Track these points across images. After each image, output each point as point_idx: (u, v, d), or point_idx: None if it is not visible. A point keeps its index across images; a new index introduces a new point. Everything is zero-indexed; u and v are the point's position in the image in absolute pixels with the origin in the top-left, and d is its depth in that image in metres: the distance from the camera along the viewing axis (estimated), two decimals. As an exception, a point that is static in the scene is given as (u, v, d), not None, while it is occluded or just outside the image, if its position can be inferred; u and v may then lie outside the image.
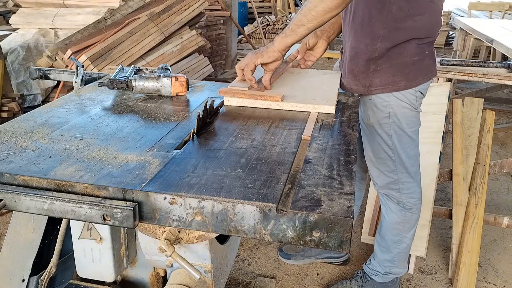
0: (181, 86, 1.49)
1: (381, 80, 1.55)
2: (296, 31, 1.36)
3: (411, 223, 1.83)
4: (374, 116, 1.64)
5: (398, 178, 1.73)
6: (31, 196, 0.84)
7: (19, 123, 1.20)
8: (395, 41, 1.50)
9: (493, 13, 5.97)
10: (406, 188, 1.75)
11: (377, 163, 1.74)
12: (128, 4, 4.06)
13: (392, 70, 1.54)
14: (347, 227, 0.77)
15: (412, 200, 1.78)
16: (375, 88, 1.57)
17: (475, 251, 2.07)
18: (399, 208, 1.80)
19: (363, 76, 1.57)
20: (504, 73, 2.46)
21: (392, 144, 1.66)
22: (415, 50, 1.53)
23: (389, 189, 1.77)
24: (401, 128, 1.63)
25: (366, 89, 1.58)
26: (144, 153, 1.02)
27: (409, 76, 1.55)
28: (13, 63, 3.84)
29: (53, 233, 1.58)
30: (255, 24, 8.12)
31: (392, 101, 1.58)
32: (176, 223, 0.85)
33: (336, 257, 2.25)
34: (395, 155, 1.68)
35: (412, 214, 1.81)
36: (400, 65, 1.53)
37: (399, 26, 1.48)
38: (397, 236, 1.86)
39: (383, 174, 1.74)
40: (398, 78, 1.55)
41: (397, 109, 1.59)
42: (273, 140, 1.10)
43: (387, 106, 1.59)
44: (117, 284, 1.41)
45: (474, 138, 2.23)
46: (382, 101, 1.59)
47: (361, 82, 1.58)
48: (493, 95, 4.76)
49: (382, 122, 1.63)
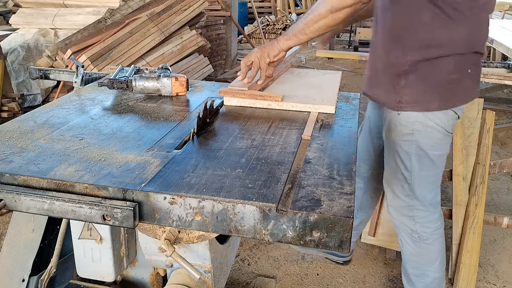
0: (181, 86, 1.49)
1: (411, 97, 1.41)
2: (298, 36, 1.41)
3: (430, 255, 1.65)
4: (395, 132, 1.50)
5: (413, 204, 1.58)
6: (31, 196, 0.84)
7: (19, 123, 1.20)
8: (428, 54, 1.35)
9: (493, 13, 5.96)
10: (421, 217, 1.59)
11: (392, 183, 1.61)
12: (128, 4, 4.06)
13: (424, 87, 1.39)
14: (347, 227, 0.77)
15: (429, 230, 1.61)
16: (405, 105, 1.42)
17: (475, 251, 2.07)
18: (413, 239, 1.64)
19: (393, 91, 1.43)
20: (504, 73, 2.46)
21: (410, 166, 1.51)
22: (452, 67, 1.36)
23: (402, 216, 1.62)
24: (423, 148, 1.47)
25: (396, 104, 1.44)
26: (144, 153, 1.02)
27: (443, 96, 1.39)
28: (13, 63, 3.84)
29: (53, 233, 1.58)
30: (255, 24, 8.12)
31: (419, 118, 1.43)
32: (176, 223, 0.85)
33: (340, 256, 2.21)
34: (412, 178, 1.53)
35: (429, 246, 1.63)
36: (434, 82, 1.38)
37: (432, 38, 1.33)
38: (417, 269, 1.70)
39: (397, 196, 1.61)
40: (429, 97, 1.39)
41: (422, 128, 1.44)
42: (273, 140, 1.10)
43: (413, 123, 1.44)
44: (117, 284, 1.41)
45: (474, 138, 2.23)
46: (409, 117, 1.44)
47: (390, 97, 1.45)
48: (493, 95, 4.76)
49: (404, 139, 1.48)
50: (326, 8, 1.32)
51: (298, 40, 1.41)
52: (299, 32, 1.40)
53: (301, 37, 1.40)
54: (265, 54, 1.44)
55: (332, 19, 1.33)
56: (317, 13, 1.34)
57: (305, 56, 7.08)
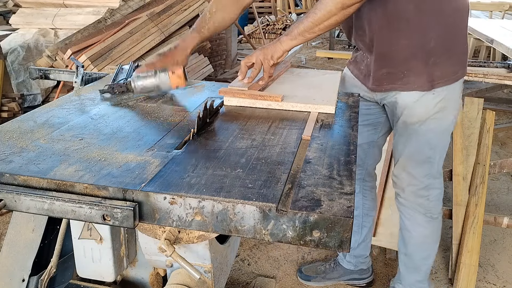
0: (178, 78, 1.46)
1: (442, 72, 1.50)
2: (305, 35, 1.38)
3: (438, 233, 1.75)
4: (426, 112, 1.55)
5: (429, 183, 1.65)
6: (31, 196, 0.84)
7: (19, 123, 1.20)
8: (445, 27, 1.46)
9: (493, 13, 5.97)
10: (434, 195, 1.68)
11: (412, 167, 1.64)
12: (128, 4, 4.06)
13: (452, 60, 1.51)
14: (347, 227, 0.77)
15: (439, 208, 1.71)
16: (438, 82, 1.50)
17: (475, 251, 2.07)
18: (427, 219, 1.70)
19: (424, 72, 1.50)
20: (504, 73, 2.46)
21: (435, 144, 1.59)
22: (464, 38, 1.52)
23: (418, 197, 1.68)
24: (449, 122, 1.57)
25: (429, 84, 1.50)
26: (144, 153, 1.02)
27: (463, 64, 1.53)
28: (13, 63, 3.84)
29: (53, 233, 1.58)
30: (255, 24, 8.12)
31: (450, 91, 1.53)
32: (176, 223, 0.85)
33: (360, 278, 2.11)
34: (434, 156, 1.61)
35: (438, 223, 1.73)
36: (457, 53, 1.51)
37: (442, 9, 1.45)
38: (426, 251, 1.77)
39: (415, 179, 1.65)
40: (457, 67, 1.52)
41: (448, 103, 1.54)
42: (273, 140, 1.10)
43: (445, 98, 1.53)
44: (117, 284, 1.41)
45: (474, 138, 2.23)
46: (441, 92, 1.52)
47: (422, 78, 1.50)
48: (493, 95, 4.76)
49: (434, 117, 1.55)
50: (336, 6, 1.30)
51: (305, 39, 1.39)
52: (306, 31, 1.37)
53: (308, 36, 1.38)
54: (268, 56, 1.42)
55: (343, 15, 1.32)
56: (326, 11, 1.32)
57: (305, 56, 7.08)
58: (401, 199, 1.73)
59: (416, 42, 1.47)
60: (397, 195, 1.74)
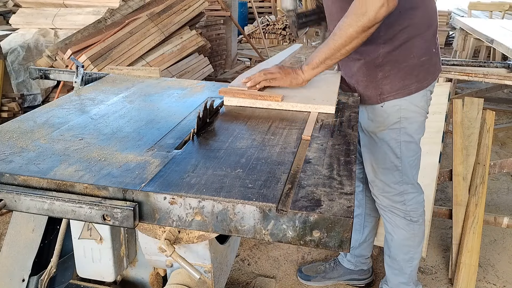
0: None
1: (391, 86, 1.52)
2: (327, 63, 1.39)
3: (420, 236, 1.76)
4: (383, 123, 1.58)
5: (403, 190, 1.67)
6: (31, 196, 0.84)
7: (19, 123, 1.20)
8: (397, 42, 1.47)
9: (493, 13, 5.97)
10: (410, 199, 1.69)
11: (382, 174, 1.67)
12: (128, 4, 4.06)
13: (401, 74, 1.50)
14: (347, 227, 0.77)
15: (418, 212, 1.72)
16: (387, 96, 1.53)
17: (475, 251, 2.07)
18: (407, 222, 1.73)
19: (373, 86, 1.54)
20: (504, 73, 2.46)
21: (400, 152, 1.60)
22: (422, 51, 1.49)
23: (394, 203, 1.70)
24: (410, 134, 1.58)
25: (378, 97, 1.55)
26: (144, 153, 1.02)
27: (419, 77, 1.52)
28: (13, 63, 3.85)
29: (53, 233, 1.58)
30: (255, 24, 8.13)
31: (403, 105, 1.54)
32: (176, 223, 0.85)
33: (360, 279, 2.12)
34: (402, 164, 1.62)
35: (419, 226, 1.74)
36: (409, 68, 1.50)
37: (395, 26, 1.44)
38: (408, 253, 1.79)
39: (387, 186, 1.68)
40: (408, 81, 1.51)
41: (408, 114, 1.55)
42: (273, 140, 1.10)
43: (399, 111, 1.55)
44: (117, 284, 1.41)
45: (474, 138, 2.23)
46: (394, 106, 1.54)
47: (372, 91, 1.55)
48: (493, 95, 4.76)
49: (393, 127, 1.57)
50: (357, 30, 1.28)
51: (327, 66, 1.40)
52: (328, 58, 1.37)
53: (330, 62, 1.39)
54: (286, 82, 1.42)
55: (365, 37, 1.31)
56: (347, 36, 1.31)
57: (305, 56, 7.08)
58: (379, 202, 1.76)
59: (366, 57, 1.51)
60: (375, 198, 1.77)
